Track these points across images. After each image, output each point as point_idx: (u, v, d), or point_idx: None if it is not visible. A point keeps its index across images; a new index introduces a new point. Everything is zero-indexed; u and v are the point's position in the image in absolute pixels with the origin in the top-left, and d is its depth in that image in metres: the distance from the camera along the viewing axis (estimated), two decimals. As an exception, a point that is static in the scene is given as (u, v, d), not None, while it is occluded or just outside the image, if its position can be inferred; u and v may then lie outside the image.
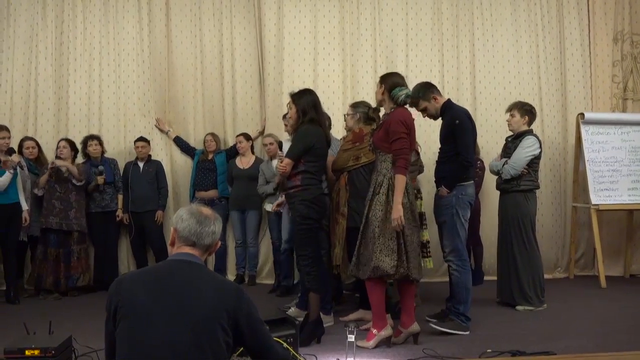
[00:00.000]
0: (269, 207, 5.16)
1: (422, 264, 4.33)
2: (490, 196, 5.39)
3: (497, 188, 4.55)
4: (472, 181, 3.80)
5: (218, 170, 5.49)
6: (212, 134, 5.61)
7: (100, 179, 5.17)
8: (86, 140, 5.34)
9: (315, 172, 3.62)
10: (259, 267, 5.65)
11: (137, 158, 5.46)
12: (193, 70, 5.83)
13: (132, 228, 5.39)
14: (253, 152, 5.58)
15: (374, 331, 3.37)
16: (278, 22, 5.81)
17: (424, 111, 3.88)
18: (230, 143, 5.74)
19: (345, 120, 4.22)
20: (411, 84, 3.83)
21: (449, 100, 3.90)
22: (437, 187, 3.84)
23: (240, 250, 5.53)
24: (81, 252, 5.09)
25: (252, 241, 5.47)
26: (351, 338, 2.81)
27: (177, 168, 5.80)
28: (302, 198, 3.53)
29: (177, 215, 1.96)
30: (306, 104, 3.63)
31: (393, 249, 3.30)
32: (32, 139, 5.23)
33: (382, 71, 5.60)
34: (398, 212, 3.26)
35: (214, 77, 5.84)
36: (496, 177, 4.56)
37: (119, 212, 5.32)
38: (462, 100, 5.82)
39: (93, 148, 5.29)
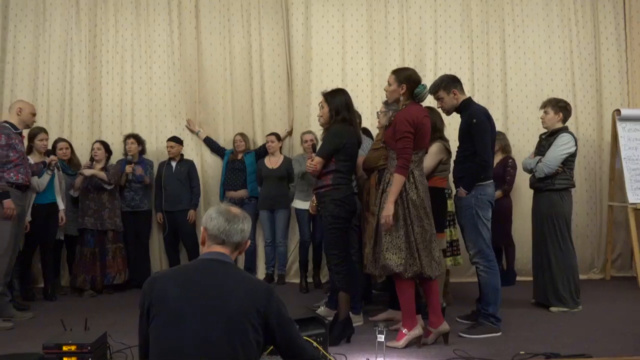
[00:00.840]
0: (297, 204, 5.18)
1: (449, 262, 4.31)
2: (523, 195, 5.28)
3: (531, 187, 4.46)
4: (492, 180, 3.72)
5: (247, 170, 5.54)
6: (241, 134, 5.66)
7: (128, 167, 5.26)
8: (125, 139, 5.46)
9: (346, 171, 3.61)
10: (288, 266, 5.68)
11: (170, 158, 5.55)
12: (222, 72, 5.89)
13: (165, 226, 5.49)
14: (282, 152, 5.60)
15: (404, 331, 3.35)
16: (306, 22, 5.83)
17: (440, 101, 3.79)
18: (259, 143, 5.78)
19: (378, 118, 4.18)
20: (440, 81, 3.80)
21: (469, 98, 3.80)
22: (456, 187, 3.76)
23: (270, 250, 5.56)
24: (116, 250, 5.21)
25: (281, 240, 5.50)
26: (381, 338, 2.79)
27: (208, 168, 5.88)
28: (332, 197, 3.53)
29: (206, 214, 1.99)
30: (339, 104, 3.63)
31: (400, 246, 3.26)
32: (65, 140, 5.36)
33: (411, 69, 5.57)
34: (387, 210, 3.22)
35: (242, 78, 5.90)
36: (529, 175, 4.46)
37: (146, 179, 5.38)
38: (493, 98, 5.74)
39: (129, 146, 5.40)
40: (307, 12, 5.82)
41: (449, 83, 3.73)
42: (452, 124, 5.00)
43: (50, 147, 5.18)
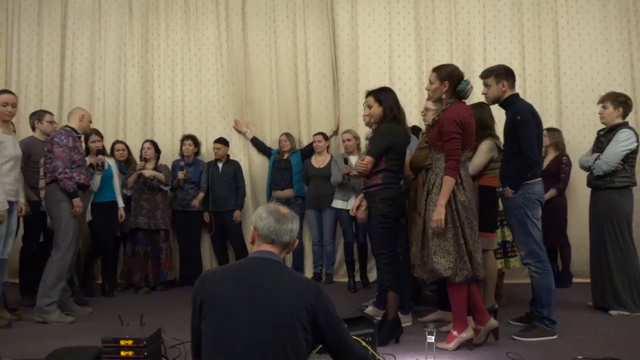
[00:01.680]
0: (337, 203, 5.18)
1: (500, 264, 4.19)
2: (579, 193, 5.08)
3: (589, 185, 4.27)
4: (540, 178, 3.58)
5: (293, 170, 5.58)
6: (287, 134, 5.71)
7: (180, 174, 5.41)
8: (183, 139, 5.61)
9: (396, 170, 3.57)
10: (336, 266, 5.68)
11: (216, 159, 5.66)
12: (268, 72, 5.96)
13: (212, 226, 5.60)
14: (328, 152, 5.61)
15: (455, 333, 3.28)
16: (352, 21, 5.82)
17: (487, 87, 3.65)
18: (305, 143, 5.81)
19: (424, 116, 4.12)
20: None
21: (516, 94, 3.64)
22: (502, 187, 3.61)
23: (317, 249, 5.58)
24: (168, 249, 5.38)
25: (328, 240, 5.51)
26: (431, 339, 2.75)
27: (255, 168, 5.96)
28: (382, 197, 3.50)
29: (256, 214, 2.01)
30: (392, 102, 3.60)
31: (448, 250, 3.18)
32: (122, 142, 5.58)
33: (459, 66, 5.41)
34: (438, 214, 3.14)
35: (288, 78, 5.95)
36: (586, 173, 4.29)
37: (195, 202, 5.48)
38: (546, 93, 5.55)
39: (186, 147, 5.55)
40: (353, 10, 5.81)
41: (502, 73, 3.61)
42: (502, 121, 4.88)
43: (109, 149, 5.40)
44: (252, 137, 5.91)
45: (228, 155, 5.71)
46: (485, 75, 3.64)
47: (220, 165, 5.64)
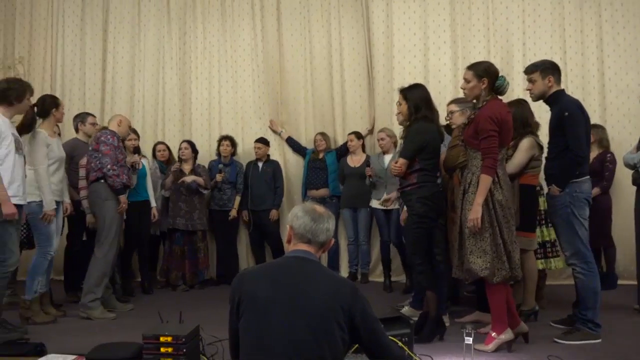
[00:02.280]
0: (374, 203, 5.15)
1: (540, 265, 4.08)
2: (624, 192, 4.90)
3: (634, 183, 4.12)
4: (588, 177, 3.46)
5: (329, 169, 5.58)
6: (322, 134, 5.72)
7: (219, 176, 5.48)
8: (220, 140, 5.68)
9: (431, 169, 3.53)
10: (372, 265, 5.65)
11: (257, 158, 5.71)
12: (303, 72, 5.99)
13: (250, 224, 5.66)
14: (364, 151, 5.59)
15: (494, 334, 3.21)
16: (387, 19, 5.78)
17: (531, 83, 3.53)
18: (340, 142, 5.80)
19: (450, 119, 4.03)
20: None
21: (562, 90, 3.53)
22: (548, 185, 3.52)
23: (353, 248, 5.57)
24: (205, 249, 5.47)
25: (364, 239, 5.49)
26: (469, 340, 2.70)
27: (290, 167, 6.00)
28: (418, 195, 3.46)
29: (292, 213, 2.02)
30: (419, 100, 3.55)
31: (485, 249, 3.11)
32: (163, 142, 5.71)
33: (496, 63, 5.28)
34: (475, 213, 3.08)
35: (323, 78, 5.96)
36: (632, 171, 4.13)
37: (233, 212, 5.57)
38: (589, 89, 5.37)
39: (224, 148, 5.62)
40: (388, 8, 5.77)
41: (548, 68, 3.50)
42: (542, 117, 4.75)
43: (150, 150, 5.53)
44: (287, 136, 5.95)
45: (268, 155, 5.76)
46: (530, 70, 3.53)
47: (260, 164, 5.69)
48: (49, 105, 4.14)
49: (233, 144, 5.69)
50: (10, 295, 4.35)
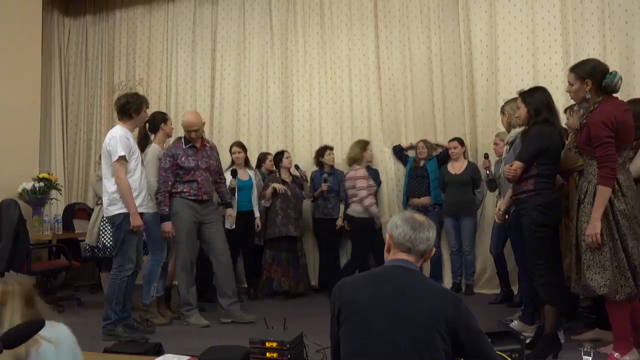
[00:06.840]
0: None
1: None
2: None
3: None
4: None
5: (430, 177, 5.47)
6: (424, 141, 5.61)
7: (324, 186, 5.57)
8: (324, 149, 5.74)
9: (549, 175, 3.30)
10: (477, 276, 5.43)
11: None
12: (403, 80, 5.93)
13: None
14: (465, 157, 5.41)
15: (616, 355, 2.93)
16: (490, 20, 5.56)
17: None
18: (441, 149, 5.67)
19: (566, 121, 3.76)
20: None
21: None
22: None
23: (456, 258, 5.38)
24: (305, 256, 5.58)
25: (468, 249, 5.29)
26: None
27: (390, 175, 5.95)
28: (535, 203, 3.25)
29: (391, 222, 2.00)
30: (539, 103, 3.36)
31: (604, 265, 2.83)
32: (269, 153, 5.90)
33: (614, 60, 4.92)
34: (593, 228, 2.81)
35: (424, 84, 5.86)
36: None
37: (339, 221, 5.62)
38: None
39: (329, 157, 5.69)
40: (491, 9, 5.55)
41: None
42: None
43: (256, 160, 5.83)
44: (394, 145, 5.89)
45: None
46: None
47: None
48: (158, 121, 4.46)
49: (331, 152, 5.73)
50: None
